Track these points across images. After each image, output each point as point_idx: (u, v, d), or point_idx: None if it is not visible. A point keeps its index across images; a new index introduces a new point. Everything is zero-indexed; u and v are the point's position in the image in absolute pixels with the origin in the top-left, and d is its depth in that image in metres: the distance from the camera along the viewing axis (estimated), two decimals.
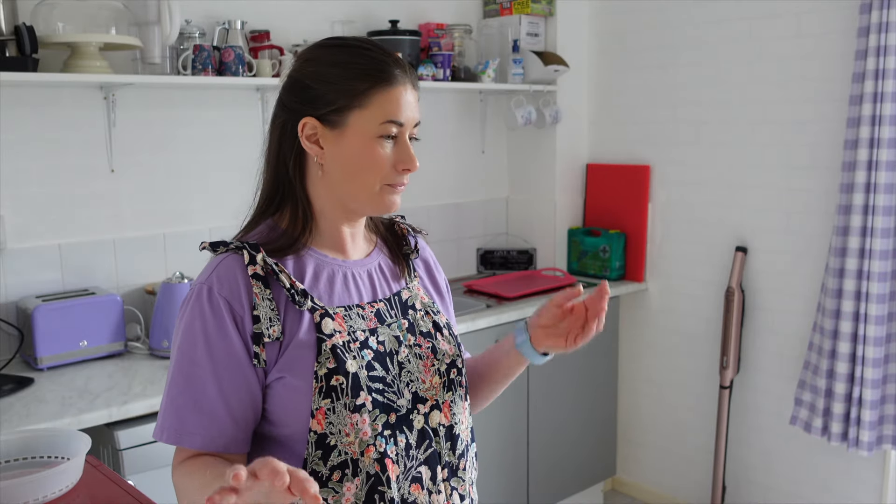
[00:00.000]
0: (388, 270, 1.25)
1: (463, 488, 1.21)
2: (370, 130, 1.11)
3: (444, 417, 1.19)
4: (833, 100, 2.76)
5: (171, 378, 1.10)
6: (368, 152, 1.11)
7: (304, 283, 1.14)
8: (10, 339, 2.33)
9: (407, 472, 1.14)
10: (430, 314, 1.24)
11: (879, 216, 2.53)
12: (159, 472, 2.00)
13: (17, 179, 2.34)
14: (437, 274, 1.36)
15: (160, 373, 2.20)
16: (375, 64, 1.11)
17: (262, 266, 1.10)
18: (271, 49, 2.68)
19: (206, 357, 1.07)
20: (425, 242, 1.36)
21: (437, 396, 1.19)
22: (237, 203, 1.29)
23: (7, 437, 1.25)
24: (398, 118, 1.11)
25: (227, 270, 1.10)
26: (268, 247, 1.13)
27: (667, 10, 3.21)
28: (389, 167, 1.13)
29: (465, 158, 3.49)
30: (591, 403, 3.36)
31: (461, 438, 1.21)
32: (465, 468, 1.21)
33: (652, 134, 3.32)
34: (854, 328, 2.63)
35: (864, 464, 2.80)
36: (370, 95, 1.10)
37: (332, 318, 1.12)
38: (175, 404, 1.08)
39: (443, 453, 1.19)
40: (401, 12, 3.12)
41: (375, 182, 1.13)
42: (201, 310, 1.08)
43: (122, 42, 2.29)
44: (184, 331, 1.09)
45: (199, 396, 1.07)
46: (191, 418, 1.07)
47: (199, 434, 1.07)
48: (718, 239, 3.14)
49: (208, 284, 1.09)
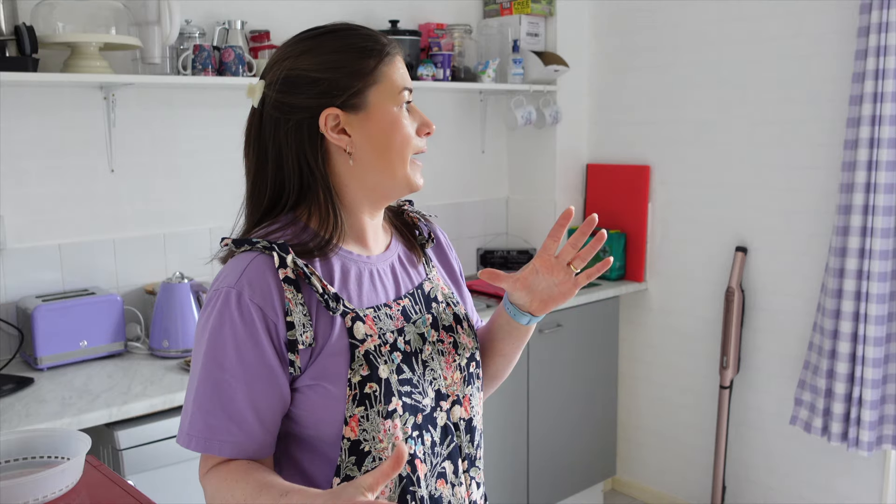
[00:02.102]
0: (406, 261, 1.24)
1: (479, 476, 1.23)
2: (391, 102, 1.11)
3: (464, 411, 1.20)
4: (833, 100, 2.76)
5: (198, 384, 1.05)
6: (398, 124, 1.11)
7: (334, 285, 1.10)
8: (10, 339, 2.33)
9: (433, 469, 1.15)
10: (450, 306, 1.24)
11: (879, 216, 2.53)
12: (159, 472, 2.00)
13: (17, 179, 2.34)
14: (452, 261, 1.34)
15: (160, 373, 2.20)
16: (370, 40, 1.12)
17: (293, 269, 1.05)
18: (271, 49, 2.68)
19: (237, 364, 1.03)
20: (437, 228, 1.35)
21: (458, 391, 1.19)
22: (237, 203, 1.28)
23: (7, 437, 1.25)
24: (409, 84, 1.14)
25: (258, 274, 1.04)
26: (297, 248, 1.08)
27: (667, 10, 3.21)
28: (413, 135, 1.14)
29: (465, 158, 3.49)
30: (591, 403, 3.36)
31: (478, 429, 1.23)
32: (480, 457, 1.23)
33: (652, 134, 3.32)
34: (854, 328, 2.63)
35: (864, 464, 2.80)
36: (380, 69, 1.10)
37: (363, 322, 1.09)
38: (203, 410, 1.04)
39: (463, 446, 1.20)
40: (401, 12, 3.12)
41: (408, 152, 1.13)
42: (230, 316, 1.03)
43: (122, 42, 2.29)
44: (211, 336, 1.04)
45: (228, 404, 1.03)
46: (220, 426, 1.03)
47: (228, 442, 1.04)
48: (718, 239, 3.14)
49: (238, 289, 1.03)
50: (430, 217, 1.34)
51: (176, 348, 2.34)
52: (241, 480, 1.01)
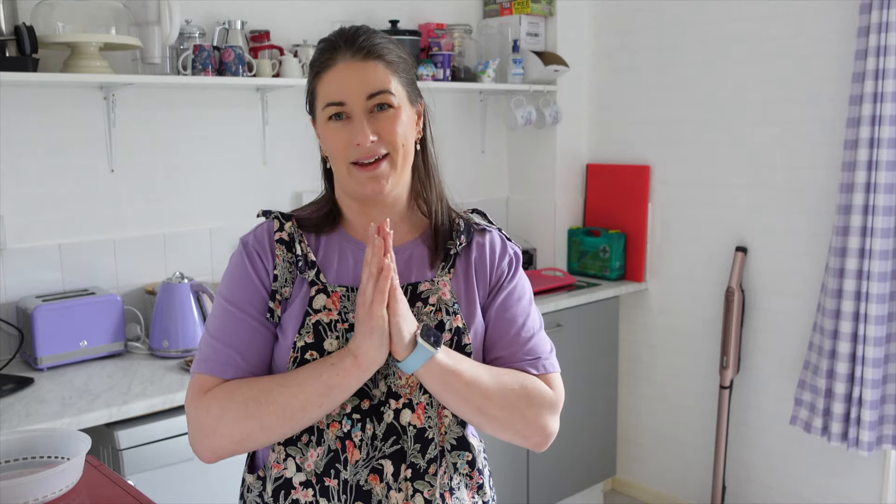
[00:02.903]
0: (416, 259, 1.23)
1: (431, 493, 1.16)
2: (322, 116, 1.19)
3: (416, 419, 1.17)
4: (833, 100, 2.76)
5: (211, 315, 1.21)
6: (326, 137, 1.20)
7: (318, 258, 1.22)
8: (10, 339, 2.33)
9: (368, 461, 1.15)
10: (441, 312, 1.19)
11: (879, 216, 2.53)
12: (159, 472, 2.00)
13: (17, 179, 2.34)
14: (485, 277, 1.25)
15: (160, 373, 2.21)
16: (319, 54, 1.20)
17: (288, 233, 1.22)
18: (271, 49, 2.68)
19: (237, 297, 1.19)
20: (502, 241, 1.28)
21: (412, 396, 1.17)
22: (237, 203, 1.31)
23: (7, 437, 1.25)
24: (334, 99, 1.16)
25: (261, 232, 1.23)
26: (303, 221, 1.24)
27: (666, 10, 3.21)
28: (346, 147, 1.17)
29: (465, 158, 3.49)
30: (591, 403, 3.36)
31: (435, 444, 1.17)
32: (435, 474, 1.17)
33: (652, 134, 3.32)
34: (854, 328, 2.63)
35: (864, 464, 2.80)
36: (316, 85, 1.20)
37: (327, 296, 1.18)
38: (210, 336, 1.19)
39: (409, 453, 1.16)
40: (401, 12, 3.12)
41: (342, 164, 1.19)
42: (239, 258, 1.22)
43: (122, 42, 2.29)
44: (224, 274, 1.24)
45: (230, 333, 1.17)
46: (222, 350, 1.16)
47: (230, 365, 1.16)
48: (718, 239, 3.14)
49: (244, 240, 1.24)
50: (482, 228, 1.28)
51: (176, 348, 2.34)
52: (256, 379, 1.14)
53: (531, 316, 1.25)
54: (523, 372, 1.20)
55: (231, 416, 1.10)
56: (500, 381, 1.16)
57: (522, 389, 1.17)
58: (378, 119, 1.16)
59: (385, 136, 1.16)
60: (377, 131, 1.16)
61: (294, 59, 2.66)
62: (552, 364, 1.24)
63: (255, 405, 1.10)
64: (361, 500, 1.14)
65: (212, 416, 1.11)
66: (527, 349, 1.22)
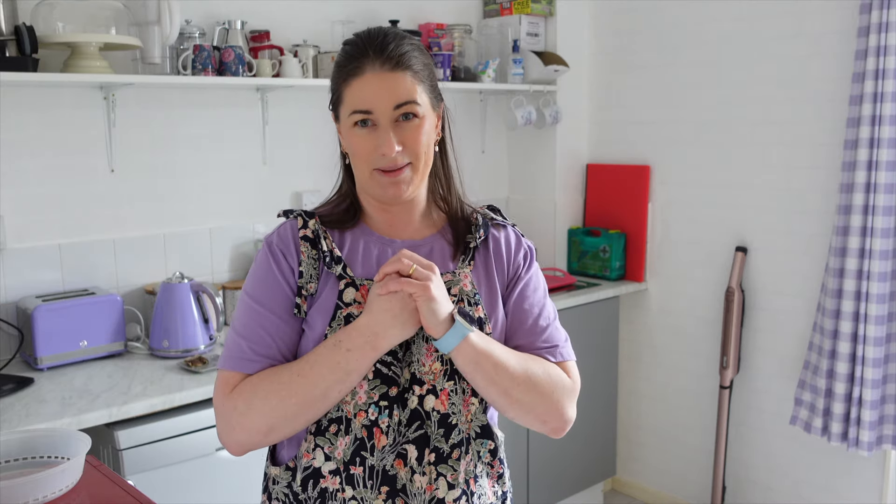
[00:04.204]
0: (437, 253, 1.28)
1: (454, 477, 1.21)
2: (348, 121, 1.20)
3: (439, 404, 1.21)
4: (833, 100, 2.76)
5: (237, 312, 1.24)
6: (351, 142, 1.21)
7: (343, 253, 1.25)
8: (10, 339, 2.33)
9: (394, 446, 1.19)
10: (462, 302, 1.23)
11: (879, 216, 2.53)
12: (159, 472, 2.00)
13: (17, 179, 2.34)
14: (503, 269, 1.29)
15: (160, 373, 2.21)
16: (347, 59, 1.20)
17: (313, 231, 1.24)
18: (271, 49, 2.68)
19: (262, 295, 1.22)
20: (516, 236, 1.33)
21: (436, 382, 1.21)
22: (237, 203, 1.30)
23: (7, 437, 1.25)
24: (361, 107, 1.18)
25: (285, 231, 1.26)
26: (325, 218, 1.27)
27: (666, 9, 3.21)
28: (370, 153, 1.19)
29: (465, 158, 3.47)
30: (591, 403, 3.35)
31: (459, 430, 1.22)
32: (458, 458, 1.22)
33: (652, 134, 3.32)
34: (854, 328, 2.63)
35: (864, 464, 2.80)
36: (343, 89, 1.20)
37: (356, 289, 1.21)
38: (237, 334, 1.22)
39: (432, 437, 1.20)
40: (401, 12, 3.12)
41: (365, 168, 1.21)
42: (264, 257, 1.25)
43: (122, 42, 2.29)
44: (249, 274, 1.27)
45: (255, 329, 1.20)
46: (247, 347, 1.20)
47: (255, 361, 1.19)
48: (718, 239, 3.14)
49: (269, 240, 1.26)
50: (497, 223, 1.32)
51: (176, 348, 2.34)
52: (279, 368, 1.18)
53: (546, 307, 1.31)
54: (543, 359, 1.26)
55: (256, 411, 1.15)
56: (527, 365, 1.21)
57: (546, 375, 1.22)
58: (403, 129, 1.19)
59: (410, 145, 1.19)
60: (402, 141, 1.18)
61: (294, 59, 2.66)
62: (569, 352, 1.31)
63: (276, 399, 1.14)
64: (387, 484, 1.18)
65: (238, 412, 1.16)
66: (544, 338, 1.28)
